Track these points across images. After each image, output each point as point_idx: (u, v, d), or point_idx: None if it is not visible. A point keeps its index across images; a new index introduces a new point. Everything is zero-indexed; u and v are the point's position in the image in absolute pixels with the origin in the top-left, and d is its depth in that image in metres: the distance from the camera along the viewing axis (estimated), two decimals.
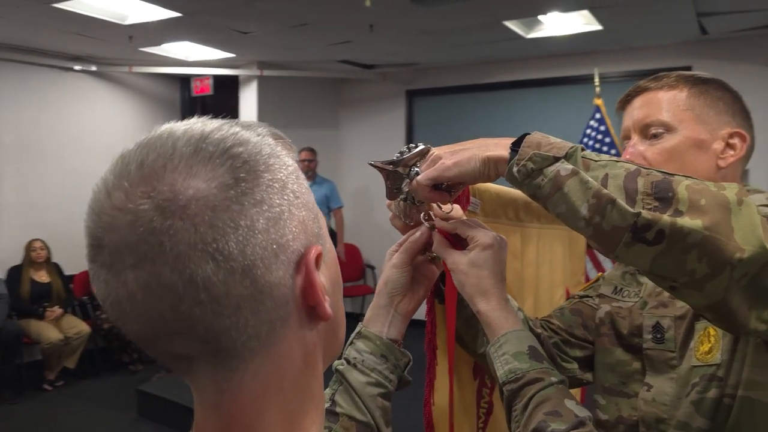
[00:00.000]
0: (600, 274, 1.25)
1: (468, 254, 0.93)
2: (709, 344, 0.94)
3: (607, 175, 0.76)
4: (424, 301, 1.02)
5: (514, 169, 0.80)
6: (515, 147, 0.82)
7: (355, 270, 6.45)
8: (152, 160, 0.44)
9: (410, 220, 0.97)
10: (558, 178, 0.77)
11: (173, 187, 0.43)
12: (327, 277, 0.51)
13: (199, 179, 0.43)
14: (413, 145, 0.92)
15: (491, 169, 0.85)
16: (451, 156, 0.87)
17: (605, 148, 5.10)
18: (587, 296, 1.19)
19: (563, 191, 0.76)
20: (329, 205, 5.86)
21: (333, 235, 5.88)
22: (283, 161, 0.48)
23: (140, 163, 0.44)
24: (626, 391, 1.05)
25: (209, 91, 6.35)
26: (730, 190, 0.73)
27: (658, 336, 1.00)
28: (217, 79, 6.26)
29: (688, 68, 5.23)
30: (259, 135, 0.49)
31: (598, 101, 5.16)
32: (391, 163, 0.92)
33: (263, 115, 6.16)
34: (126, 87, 6.26)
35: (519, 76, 5.97)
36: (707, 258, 0.70)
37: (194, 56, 5.74)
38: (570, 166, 0.77)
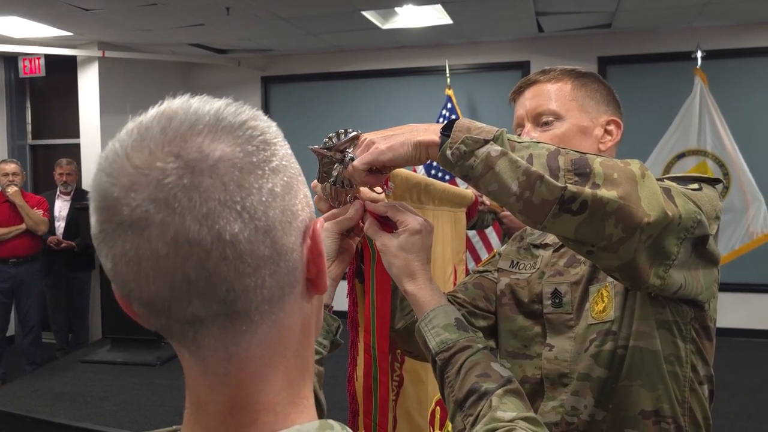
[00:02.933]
0: (495, 250, 1.36)
1: (398, 238, 0.98)
2: (603, 304, 1.07)
3: (531, 155, 0.84)
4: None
5: (448, 152, 0.86)
6: (445, 132, 0.88)
7: None
8: (176, 125, 0.45)
9: (338, 203, 1.00)
10: (489, 158, 0.84)
11: (200, 148, 0.44)
12: None
13: (224, 144, 0.45)
14: (342, 130, 0.95)
15: (423, 153, 0.90)
16: (384, 141, 0.91)
17: None
18: (487, 271, 1.29)
19: (495, 170, 0.83)
20: None
21: None
22: (283, 140, 0.51)
23: (163, 128, 0.45)
24: (529, 353, 1.16)
25: (41, 73, 5.75)
26: (634, 165, 0.85)
27: (557, 301, 1.12)
28: (50, 59, 5.70)
29: (527, 63, 5.70)
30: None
31: (449, 91, 5.46)
32: (326, 148, 0.94)
33: (106, 99, 5.72)
34: None
35: (374, 66, 6.11)
36: (622, 223, 0.81)
37: (22, 33, 5.18)
38: (499, 148, 0.84)
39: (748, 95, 5.33)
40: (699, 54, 4.75)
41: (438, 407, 1.52)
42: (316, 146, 0.95)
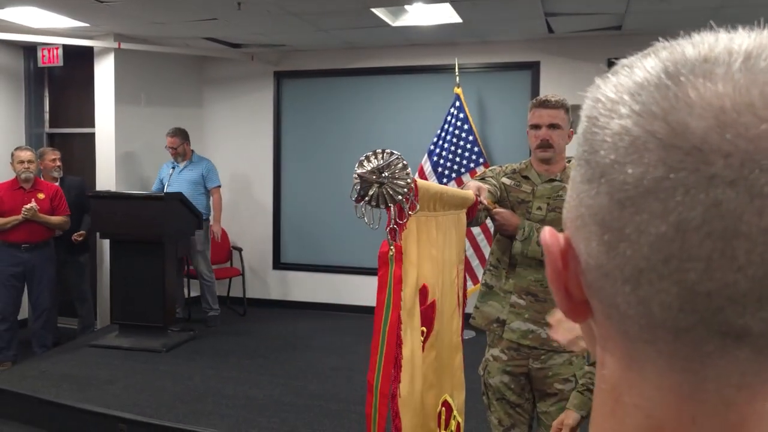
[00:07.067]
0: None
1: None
2: None
3: None
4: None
5: None
6: None
7: (222, 252, 6.34)
8: None
9: (375, 223, 1.08)
10: None
11: None
12: None
13: None
14: (379, 150, 1.02)
15: None
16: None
17: (464, 134, 5.45)
18: None
19: None
20: (206, 185, 5.72)
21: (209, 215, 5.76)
22: None
23: None
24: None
25: (59, 62, 5.86)
26: None
27: None
28: (67, 49, 5.80)
29: (537, 63, 5.72)
30: None
31: (458, 90, 5.49)
32: (368, 172, 1.02)
33: (121, 90, 5.81)
34: None
35: (384, 63, 6.15)
36: None
37: (41, 23, 5.28)
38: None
39: None
40: None
41: (443, 408, 1.58)
42: (362, 171, 1.02)
